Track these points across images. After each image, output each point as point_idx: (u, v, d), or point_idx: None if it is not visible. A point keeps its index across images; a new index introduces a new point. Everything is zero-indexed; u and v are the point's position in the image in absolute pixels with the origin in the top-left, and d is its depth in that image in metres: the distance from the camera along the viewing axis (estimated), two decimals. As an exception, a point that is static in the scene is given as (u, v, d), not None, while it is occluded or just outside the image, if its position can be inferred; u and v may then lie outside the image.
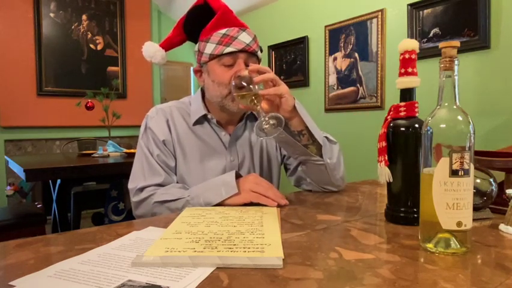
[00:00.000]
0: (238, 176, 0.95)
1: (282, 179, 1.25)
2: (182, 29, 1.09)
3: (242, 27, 1.03)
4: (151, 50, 1.09)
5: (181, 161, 1.09)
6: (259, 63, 1.08)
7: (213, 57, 1.02)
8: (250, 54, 1.03)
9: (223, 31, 1.01)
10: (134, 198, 1.04)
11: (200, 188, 0.96)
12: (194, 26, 1.06)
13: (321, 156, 0.99)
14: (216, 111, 1.10)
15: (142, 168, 1.06)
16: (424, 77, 0.83)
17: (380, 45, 2.82)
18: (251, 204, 0.90)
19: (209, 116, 1.10)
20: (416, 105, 0.72)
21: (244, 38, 1.02)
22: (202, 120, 1.10)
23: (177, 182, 1.08)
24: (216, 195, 0.91)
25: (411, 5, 2.59)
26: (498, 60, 2.21)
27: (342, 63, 3.11)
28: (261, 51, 1.11)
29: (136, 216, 1.03)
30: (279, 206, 0.90)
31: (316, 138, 0.98)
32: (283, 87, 0.91)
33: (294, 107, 0.94)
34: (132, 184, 1.06)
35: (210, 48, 1.02)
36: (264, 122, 0.85)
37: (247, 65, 1.01)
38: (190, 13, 1.06)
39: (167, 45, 1.11)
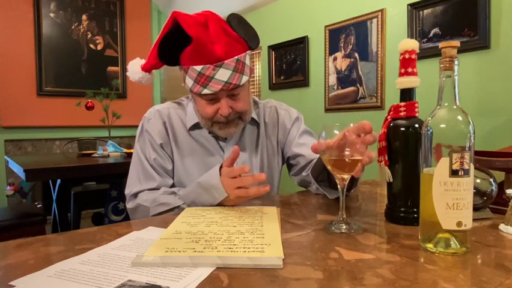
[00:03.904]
0: None
1: (283, 179, 1.25)
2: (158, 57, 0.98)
3: (218, 61, 0.92)
4: (136, 78, 1.02)
5: (178, 163, 1.08)
6: (248, 84, 1.03)
7: (193, 92, 0.98)
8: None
9: (198, 68, 0.92)
10: (128, 205, 1.04)
11: (192, 194, 0.94)
12: (171, 53, 0.96)
13: (348, 190, 0.96)
14: None
15: (138, 174, 1.06)
16: (424, 77, 0.83)
17: (380, 45, 2.82)
18: (252, 204, 0.90)
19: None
20: (416, 105, 0.72)
21: (221, 75, 0.92)
22: (199, 124, 1.08)
23: (174, 184, 1.07)
24: (211, 199, 0.90)
25: (411, 5, 2.59)
26: (498, 60, 2.21)
27: (342, 63, 3.11)
28: (257, 45, 1.01)
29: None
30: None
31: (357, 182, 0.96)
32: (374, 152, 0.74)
33: None
34: (127, 189, 1.06)
35: (189, 82, 0.96)
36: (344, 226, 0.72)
37: (233, 95, 0.97)
38: (164, 40, 0.95)
39: (150, 69, 1.03)
